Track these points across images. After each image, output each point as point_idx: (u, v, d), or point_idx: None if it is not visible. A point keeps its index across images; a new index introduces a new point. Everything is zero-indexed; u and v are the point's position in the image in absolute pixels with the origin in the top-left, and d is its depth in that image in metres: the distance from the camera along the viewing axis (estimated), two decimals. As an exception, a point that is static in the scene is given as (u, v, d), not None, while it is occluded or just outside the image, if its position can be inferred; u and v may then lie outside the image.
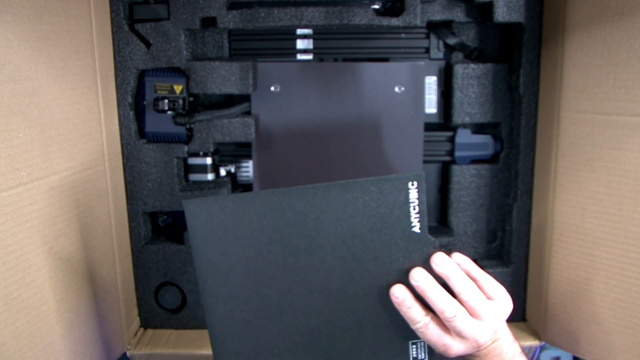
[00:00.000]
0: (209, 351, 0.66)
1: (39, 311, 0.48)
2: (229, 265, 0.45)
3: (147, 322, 0.71)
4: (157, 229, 0.73)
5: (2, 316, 0.43)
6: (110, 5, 0.63)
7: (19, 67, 0.45)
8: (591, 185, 0.58)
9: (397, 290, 0.45)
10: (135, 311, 0.70)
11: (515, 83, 0.66)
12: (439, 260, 0.45)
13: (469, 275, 0.46)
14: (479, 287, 0.45)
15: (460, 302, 0.44)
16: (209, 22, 0.65)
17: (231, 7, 0.64)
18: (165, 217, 0.72)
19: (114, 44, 0.64)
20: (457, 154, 0.70)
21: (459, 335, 0.44)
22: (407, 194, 0.44)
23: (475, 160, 0.71)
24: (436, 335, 0.45)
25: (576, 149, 0.59)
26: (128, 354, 0.66)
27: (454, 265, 0.45)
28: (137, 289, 0.70)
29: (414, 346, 0.48)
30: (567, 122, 0.60)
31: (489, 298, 0.45)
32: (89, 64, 0.58)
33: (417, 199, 0.44)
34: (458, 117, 0.68)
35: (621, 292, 0.56)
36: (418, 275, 0.44)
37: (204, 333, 0.69)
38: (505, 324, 0.47)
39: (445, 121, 0.71)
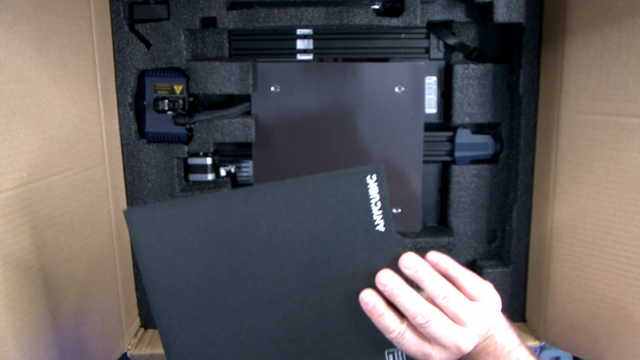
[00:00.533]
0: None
1: (40, 311, 0.48)
2: (180, 279, 0.41)
3: (148, 322, 0.71)
4: (157, 229, 0.73)
5: (3, 316, 0.43)
6: (110, 5, 0.63)
7: (19, 68, 0.45)
8: (591, 186, 0.58)
9: (367, 296, 0.41)
10: (136, 311, 0.70)
11: (515, 83, 0.66)
12: (408, 261, 0.40)
13: (447, 275, 0.41)
14: (460, 287, 0.41)
15: (439, 307, 0.40)
16: (209, 22, 0.65)
17: (231, 7, 0.64)
18: (165, 217, 0.72)
19: (114, 44, 0.64)
20: (457, 154, 0.70)
21: (438, 342, 0.40)
22: (367, 189, 0.40)
23: (475, 161, 0.71)
24: (414, 345, 0.40)
25: (576, 149, 0.59)
26: (128, 354, 0.66)
27: (426, 266, 0.41)
28: (137, 289, 0.70)
29: (391, 356, 0.44)
30: (567, 122, 0.61)
31: (472, 299, 0.41)
32: (89, 64, 0.58)
33: (379, 193, 0.40)
34: (458, 117, 0.68)
35: (621, 292, 0.56)
36: (385, 278, 0.40)
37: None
38: (500, 315, 0.43)
39: (445, 121, 0.71)
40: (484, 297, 0.41)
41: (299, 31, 0.69)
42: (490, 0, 0.62)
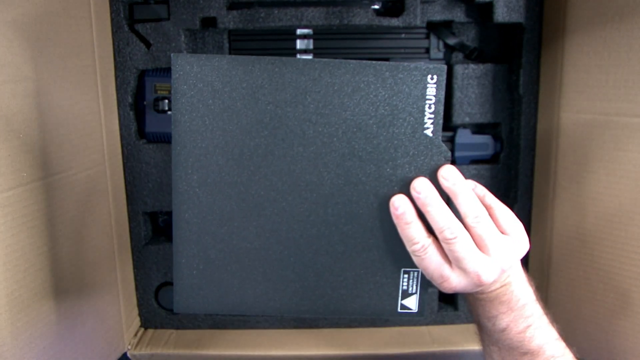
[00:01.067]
0: (209, 351, 0.67)
1: (40, 311, 0.48)
2: (211, 139, 0.40)
3: (147, 322, 0.71)
4: (157, 229, 0.73)
5: (3, 316, 0.43)
6: (110, 5, 0.63)
7: (19, 67, 0.45)
8: (591, 186, 0.58)
9: (398, 201, 0.39)
10: (136, 311, 0.70)
11: (515, 83, 0.66)
12: (448, 173, 0.39)
13: (481, 202, 0.40)
14: (492, 216, 0.40)
15: (466, 227, 0.38)
16: (209, 22, 0.65)
17: (231, 7, 0.64)
18: (166, 217, 0.72)
19: (114, 44, 0.64)
20: (457, 154, 0.70)
21: (459, 265, 0.38)
22: (425, 88, 0.40)
23: (475, 161, 0.71)
24: (434, 263, 0.39)
25: (576, 149, 0.59)
26: (128, 354, 0.66)
27: (465, 182, 0.39)
28: (137, 289, 0.70)
29: (406, 276, 0.43)
30: (567, 122, 0.61)
31: (502, 232, 0.40)
32: (89, 64, 0.58)
33: (435, 96, 0.40)
34: (458, 117, 0.68)
35: (621, 292, 0.56)
36: (420, 186, 0.39)
37: (205, 333, 0.70)
38: (519, 265, 0.41)
39: (445, 121, 0.71)
40: (513, 232, 0.40)
41: (299, 31, 0.69)
42: (490, 0, 0.62)
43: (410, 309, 0.44)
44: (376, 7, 0.65)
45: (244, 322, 0.70)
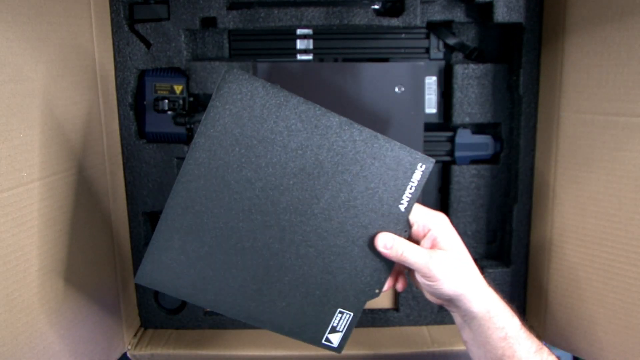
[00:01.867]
0: (209, 351, 0.67)
1: (40, 311, 0.48)
2: (228, 154, 0.44)
3: (147, 322, 0.71)
4: (157, 229, 0.73)
5: (3, 316, 0.43)
6: (110, 5, 0.63)
7: (19, 68, 0.45)
8: (591, 186, 0.58)
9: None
10: (135, 311, 0.70)
11: (515, 83, 0.66)
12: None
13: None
14: (432, 236, 0.46)
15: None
16: (209, 22, 0.65)
17: (231, 7, 0.64)
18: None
19: (114, 44, 0.64)
20: (457, 154, 0.70)
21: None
22: (413, 171, 0.45)
23: (475, 161, 0.71)
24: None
25: (576, 149, 0.59)
26: (128, 354, 0.66)
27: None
28: (137, 289, 0.70)
29: (340, 315, 0.48)
30: (567, 122, 0.61)
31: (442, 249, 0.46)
32: (89, 64, 0.58)
33: (418, 182, 0.45)
34: (458, 117, 0.68)
35: (621, 292, 0.56)
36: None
37: (205, 333, 0.70)
38: (497, 297, 0.47)
39: (445, 121, 0.71)
40: (449, 246, 0.46)
41: (299, 31, 0.69)
42: (490, 0, 0.62)
43: (332, 344, 0.49)
44: (376, 7, 0.65)
45: (243, 322, 0.70)
